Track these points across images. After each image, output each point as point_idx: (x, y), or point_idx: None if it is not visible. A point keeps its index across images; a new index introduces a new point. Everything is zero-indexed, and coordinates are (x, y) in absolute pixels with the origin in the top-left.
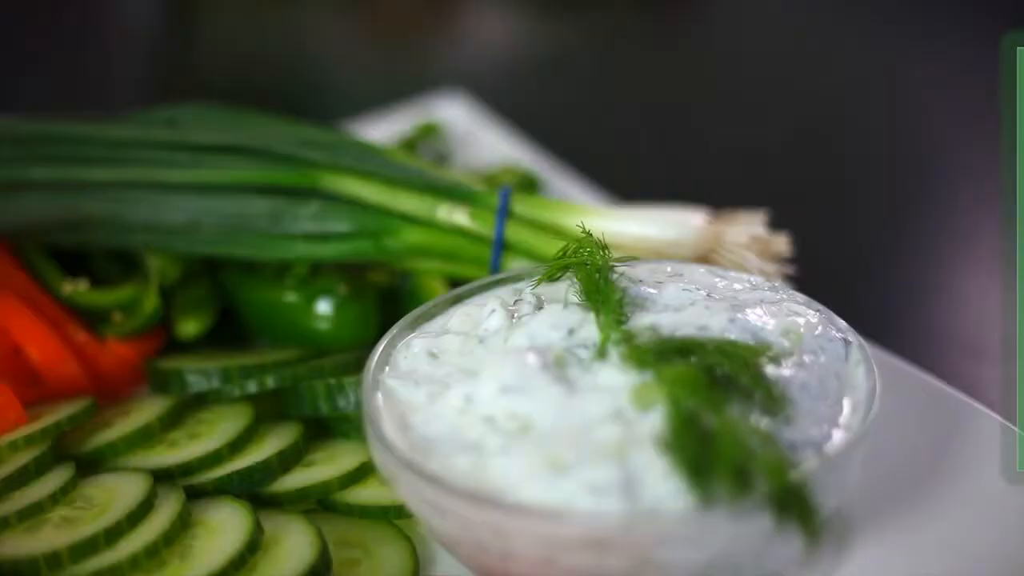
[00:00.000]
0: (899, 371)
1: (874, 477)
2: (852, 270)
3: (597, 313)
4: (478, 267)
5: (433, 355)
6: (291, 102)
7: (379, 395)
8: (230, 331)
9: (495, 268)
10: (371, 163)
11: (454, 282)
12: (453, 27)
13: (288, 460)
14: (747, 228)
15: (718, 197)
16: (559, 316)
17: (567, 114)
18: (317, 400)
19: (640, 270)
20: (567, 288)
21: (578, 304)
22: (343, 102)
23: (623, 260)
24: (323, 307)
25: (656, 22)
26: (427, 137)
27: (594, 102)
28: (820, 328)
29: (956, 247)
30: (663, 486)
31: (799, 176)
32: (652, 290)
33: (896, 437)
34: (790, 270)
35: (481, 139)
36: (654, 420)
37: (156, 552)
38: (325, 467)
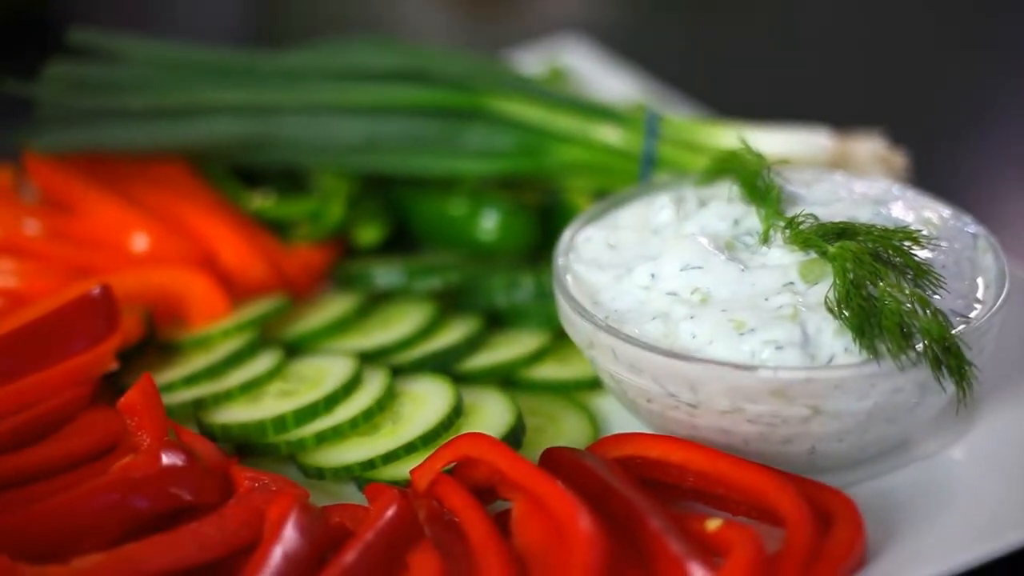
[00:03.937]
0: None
1: (990, 356)
2: (963, 184)
3: (758, 207)
4: (628, 181)
5: (611, 245)
6: None
7: (568, 277)
8: (400, 243)
9: (644, 180)
10: (530, 88)
11: (601, 197)
12: None
13: (474, 343)
14: (870, 145)
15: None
16: (724, 209)
17: (680, 53)
18: (494, 293)
19: (786, 174)
20: (727, 188)
21: (739, 200)
22: None
23: (772, 164)
24: (489, 219)
25: None
26: (556, 80)
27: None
28: (951, 221)
29: None
30: (836, 343)
31: (905, 95)
32: (801, 190)
33: (1009, 326)
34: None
35: (603, 80)
36: (822, 290)
37: (371, 416)
38: (508, 349)
